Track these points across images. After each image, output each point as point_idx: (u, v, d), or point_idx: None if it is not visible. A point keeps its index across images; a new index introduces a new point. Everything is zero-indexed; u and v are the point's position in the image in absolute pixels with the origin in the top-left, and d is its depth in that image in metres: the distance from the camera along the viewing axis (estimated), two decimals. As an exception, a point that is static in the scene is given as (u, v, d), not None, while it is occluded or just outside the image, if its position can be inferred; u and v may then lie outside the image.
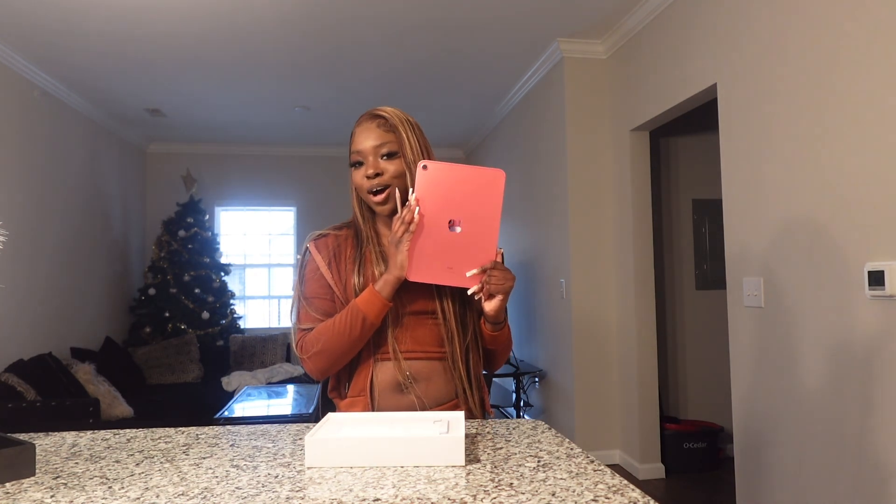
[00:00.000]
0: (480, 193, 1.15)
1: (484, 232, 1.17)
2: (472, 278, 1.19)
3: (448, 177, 1.15)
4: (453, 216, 1.16)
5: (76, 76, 4.37)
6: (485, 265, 1.19)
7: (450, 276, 1.20)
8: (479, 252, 1.18)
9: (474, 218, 1.16)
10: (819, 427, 2.25)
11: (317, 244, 1.34)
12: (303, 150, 6.73)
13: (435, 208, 1.16)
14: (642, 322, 3.69)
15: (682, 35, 3.15)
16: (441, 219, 1.16)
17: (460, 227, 1.16)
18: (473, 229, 1.17)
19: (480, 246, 1.18)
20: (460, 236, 1.17)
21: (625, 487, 0.82)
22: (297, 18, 3.53)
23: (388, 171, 1.26)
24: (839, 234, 2.15)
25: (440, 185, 1.15)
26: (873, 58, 2.01)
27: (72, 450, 1.06)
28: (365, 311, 1.21)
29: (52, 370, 3.86)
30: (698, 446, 3.76)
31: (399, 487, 0.83)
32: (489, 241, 1.18)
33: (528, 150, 4.80)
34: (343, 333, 1.23)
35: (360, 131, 1.29)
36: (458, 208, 1.16)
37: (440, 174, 1.15)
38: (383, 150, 1.26)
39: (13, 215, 3.97)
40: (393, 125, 1.28)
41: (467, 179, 1.15)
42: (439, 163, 1.15)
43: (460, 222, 1.16)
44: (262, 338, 5.85)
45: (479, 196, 1.15)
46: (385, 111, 1.29)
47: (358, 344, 1.25)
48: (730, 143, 2.79)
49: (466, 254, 1.18)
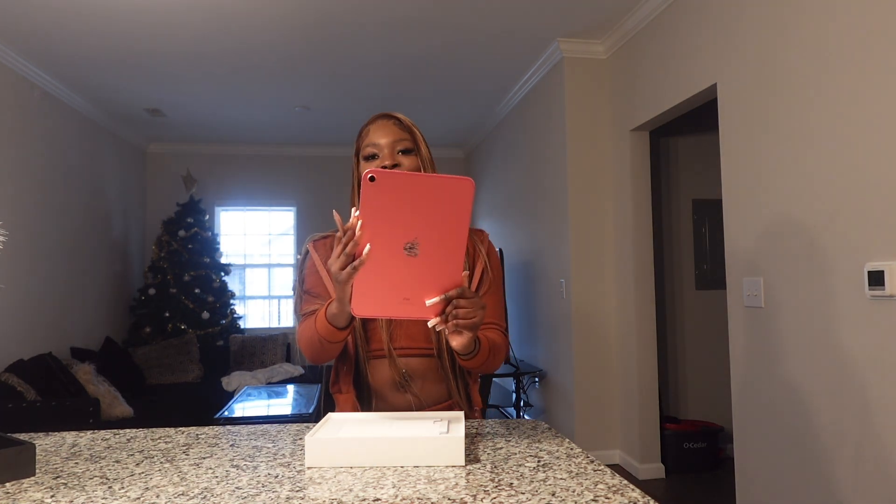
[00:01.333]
0: (443, 208, 0.93)
1: (447, 254, 0.97)
2: (432, 308, 1.00)
3: (403, 189, 0.92)
4: (410, 237, 0.95)
5: (76, 76, 4.37)
6: (448, 292, 1.00)
7: (405, 308, 1.00)
8: (441, 278, 0.98)
9: (436, 238, 0.95)
10: (819, 427, 2.25)
11: (316, 245, 1.36)
12: (303, 150, 6.73)
13: (386, 228, 0.94)
14: (642, 322, 3.69)
15: (682, 35, 3.15)
16: (394, 241, 0.95)
17: (418, 249, 0.95)
18: (435, 252, 0.96)
19: (443, 270, 0.98)
20: (418, 261, 0.96)
21: (625, 487, 0.82)
22: (297, 18, 3.53)
23: (404, 164, 1.27)
24: (839, 234, 2.15)
25: (393, 199, 0.92)
26: (874, 57, 2.01)
27: (72, 450, 1.06)
28: (319, 330, 1.17)
29: (52, 370, 3.86)
30: (698, 446, 3.76)
31: (399, 487, 0.83)
32: (454, 264, 0.98)
33: (528, 150, 4.80)
34: (313, 340, 1.20)
35: (377, 127, 1.30)
36: (415, 227, 0.94)
37: (393, 186, 0.92)
38: (399, 146, 1.28)
39: (13, 215, 3.97)
40: (407, 125, 1.31)
41: (427, 191, 0.93)
42: (392, 172, 0.92)
43: (418, 244, 0.95)
44: (262, 338, 5.85)
45: (442, 211, 0.94)
46: (399, 115, 1.33)
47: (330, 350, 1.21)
48: (730, 143, 2.79)
49: (426, 281, 0.98)
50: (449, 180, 0.93)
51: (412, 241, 0.95)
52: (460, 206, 0.94)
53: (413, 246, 0.95)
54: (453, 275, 0.99)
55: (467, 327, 1.03)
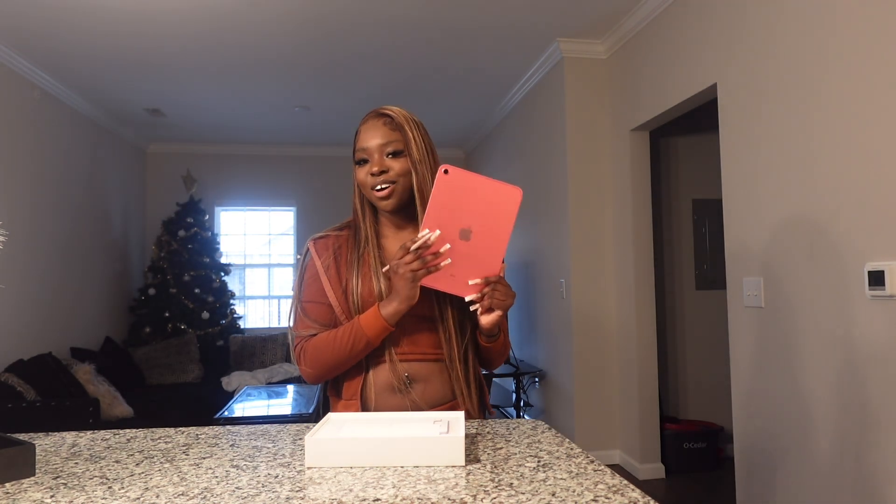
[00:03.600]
0: (495, 208, 1.12)
1: (492, 246, 1.14)
2: (473, 287, 1.17)
3: (467, 186, 1.11)
4: (465, 225, 1.13)
5: (76, 76, 4.37)
6: (489, 277, 1.17)
7: (451, 283, 1.17)
8: (484, 265, 1.16)
9: (485, 231, 1.13)
10: (819, 427, 2.25)
11: (317, 245, 1.34)
12: (303, 150, 6.73)
13: (448, 214, 1.12)
14: (642, 322, 3.69)
15: (682, 35, 3.15)
16: (453, 225, 1.12)
17: (470, 237, 1.13)
18: (483, 242, 1.14)
19: (487, 259, 1.15)
20: (468, 246, 1.14)
21: (625, 487, 0.82)
22: (297, 18, 3.53)
23: (393, 168, 1.26)
24: (839, 234, 2.15)
25: (458, 192, 1.11)
26: (874, 57, 2.01)
27: (72, 450, 1.06)
28: (368, 333, 1.22)
29: (52, 370, 3.86)
30: (698, 446, 3.76)
31: (399, 487, 0.83)
32: (496, 255, 1.15)
33: (528, 149, 4.80)
34: (344, 349, 1.23)
35: (366, 129, 1.28)
36: (471, 218, 1.12)
37: (460, 181, 1.11)
38: (389, 148, 1.26)
39: (13, 215, 3.97)
40: (399, 124, 1.27)
41: (485, 192, 1.11)
42: (460, 170, 1.10)
43: (471, 233, 1.13)
44: (262, 338, 5.85)
45: (494, 210, 1.12)
46: (391, 110, 1.29)
47: (357, 358, 1.27)
48: (730, 143, 2.79)
49: (471, 265, 1.16)
50: (503, 186, 1.12)
51: (467, 227, 1.13)
52: (508, 209, 1.13)
53: (467, 233, 1.13)
54: (495, 263, 1.17)
55: (500, 307, 1.20)
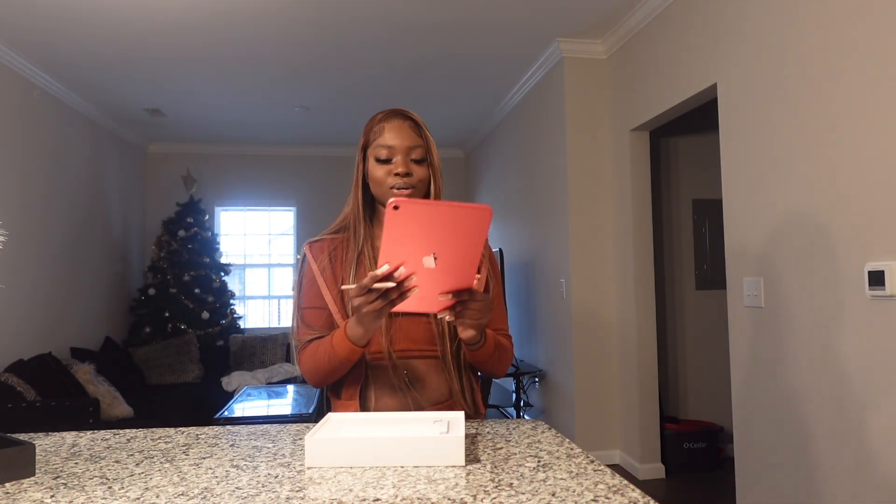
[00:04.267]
0: (462, 230, 0.98)
1: (462, 266, 1.04)
2: (442, 302, 1.08)
3: (423, 216, 0.96)
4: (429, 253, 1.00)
5: (76, 76, 4.37)
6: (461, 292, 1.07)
7: (420, 304, 1.08)
8: (455, 281, 1.06)
9: (453, 253, 1.01)
10: (819, 427, 2.25)
11: (312, 249, 1.34)
12: (303, 150, 6.73)
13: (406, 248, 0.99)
14: (642, 322, 3.69)
15: (682, 35, 3.15)
16: (415, 255, 1.00)
17: (436, 263, 1.01)
18: (451, 263, 1.02)
19: (457, 276, 1.05)
20: (434, 270, 1.02)
21: (625, 487, 0.82)
22: (297, 18, 3.53)
23: (416, 173, 1.26)
24: (839, 234, 2.15)
25: (414, 224, 0.96)
26: (873, 57, 2.01)
27: (72, 450, 1.06)
28: (339, 353, 1.19)
29: (52, 370, 3.86)
30: (698, 446, 3.76)
31: (399, 487, 0.83)
32: (468, 272, 1.05)
33: (528, 149, 4.80)
34: (325, 363, 1.22)
35: (392, 127, 1.27)
36: (434, 245, 0.99)
37: (414, 215, 0.95)
38: (414, 153, 1.26)
39: (13, 215, 3.97)
40: (422, 130, 1.29)
41: (447, 218, 0.97)
42: (414, 203, 0.94)
43: (436, 258, 1.01)
44: (262, 338, 5.85)
45: (460, 233, 0.99)
46: (413, 114, 1.30)
47: (345, 368, 1.23)
48: (730, 143, 2.79)
49: (440, 284, 1.06)
50: (468, 209, 0.97)
51: (431, 254, 1.00)
52: (477, 229, 0.99)
53: (432, 259, 1.01)
54: (467, 280, 1.06)
55: (471, 326, 1.12)
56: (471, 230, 0.99)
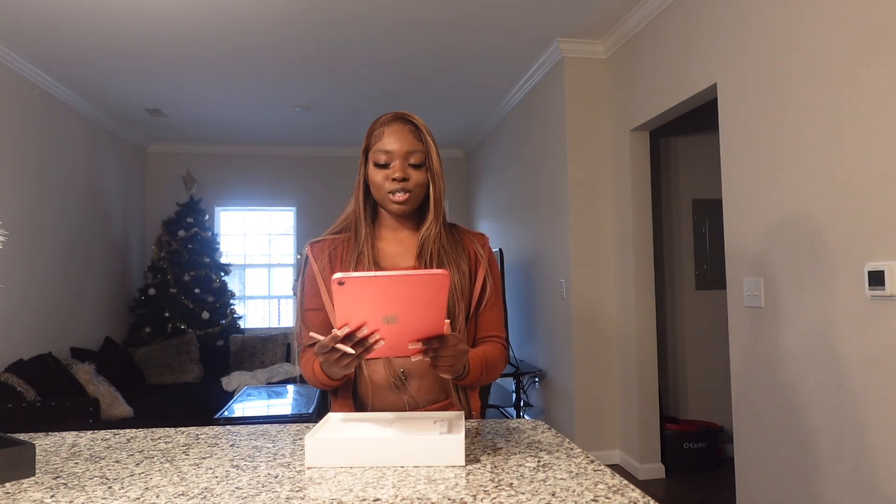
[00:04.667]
0: (418, 294, 0.94)
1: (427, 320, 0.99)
2: (413, 348, 1.04)
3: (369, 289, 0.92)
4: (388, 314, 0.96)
5: (76, 76, 4.37)
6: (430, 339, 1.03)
7: (391, 350, 1.04)
8: (422, 332, 1.02)
9: (414, 312, 0.97)
10: (818, 427, 2.25)
11: (313, 249, 1.35)
12: (303, 150, 6.73)
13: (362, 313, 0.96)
14: (642, 322, 3.69)
15: (682, 35, 3.15)
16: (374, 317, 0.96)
17: (398, 319, 0.97)
18: (414, 320, 0.98)
19: (424, 328, 1.01)
20: (398, 325, 0.98)
21: (625, 487, 0.82)
22: (296, 18, 3.53)
23: (413, 178, 1.27)
24: (839, 234, 2.15)
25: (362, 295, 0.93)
26: (873, 57, 2.01)
27: (72, 450, 1.06)
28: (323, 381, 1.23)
29: (52, 370, 3.86)
30: (698, 446, 3.76)
31: (399, 487, 0.83)
32: (434, 322, 1.00)
33: (528, 149, 4.80)
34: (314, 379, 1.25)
35: (391, 132, 1.28)
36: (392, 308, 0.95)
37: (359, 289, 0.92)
38: (413, 158, 1.27)
39: (13, 215, 3.97)
40: (422, 134, 1.29)
41: (399, 286, 0.93)
42: (357, 278, 0.91)
43: (398, 317, 0.96)
44: (262, 338, 5.85)
45: (418, 296, 0.94)
46: (414, 118, 1.30)
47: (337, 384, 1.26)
48: (730, 143, 2.79)
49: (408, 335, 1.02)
50: (419, 278, 0.92)
51: (391, 315, 0.96)
52: (436, 293, 0.94)
53: (393, 318, 0.96)
54: (435, 328, 1.01)
55: (446, 372, 1.08)
56: (429, 294, 0.94)
